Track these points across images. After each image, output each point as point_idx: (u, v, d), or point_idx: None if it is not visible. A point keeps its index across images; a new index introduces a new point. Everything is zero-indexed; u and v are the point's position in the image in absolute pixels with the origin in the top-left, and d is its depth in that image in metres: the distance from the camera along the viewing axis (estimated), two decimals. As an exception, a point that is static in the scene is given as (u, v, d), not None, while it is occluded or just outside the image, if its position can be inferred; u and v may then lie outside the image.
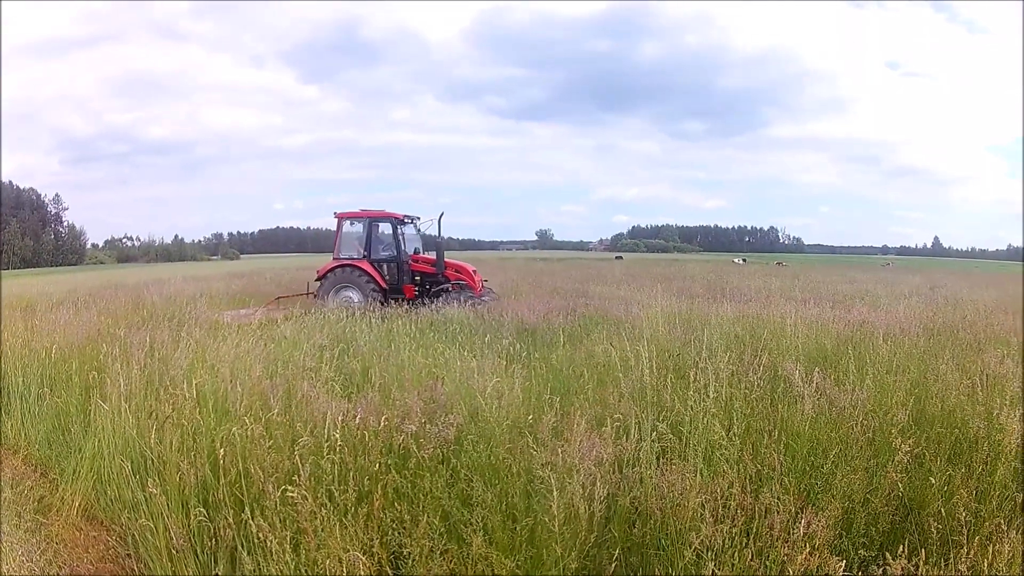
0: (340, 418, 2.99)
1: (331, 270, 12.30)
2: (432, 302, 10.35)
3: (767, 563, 2.75)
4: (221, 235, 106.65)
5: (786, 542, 2.74)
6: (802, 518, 2.77)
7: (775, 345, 4.84)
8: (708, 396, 3.18)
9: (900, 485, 3.15)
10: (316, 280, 12.56)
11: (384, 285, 12.12)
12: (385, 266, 12.40)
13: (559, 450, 2.72)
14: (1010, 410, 3.47)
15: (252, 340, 4.42)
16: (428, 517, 2.81)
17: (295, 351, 4.39)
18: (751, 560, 2.75)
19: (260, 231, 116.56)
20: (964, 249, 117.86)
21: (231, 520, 3.14)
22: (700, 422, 3.12)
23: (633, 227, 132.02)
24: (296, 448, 2.98)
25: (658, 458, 3.04)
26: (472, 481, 2.85)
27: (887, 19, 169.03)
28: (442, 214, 12.60)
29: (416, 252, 12.77)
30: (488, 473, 2.91)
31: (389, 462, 2.95)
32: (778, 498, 2.87)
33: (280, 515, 2.95)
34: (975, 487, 3.37)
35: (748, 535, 2.79)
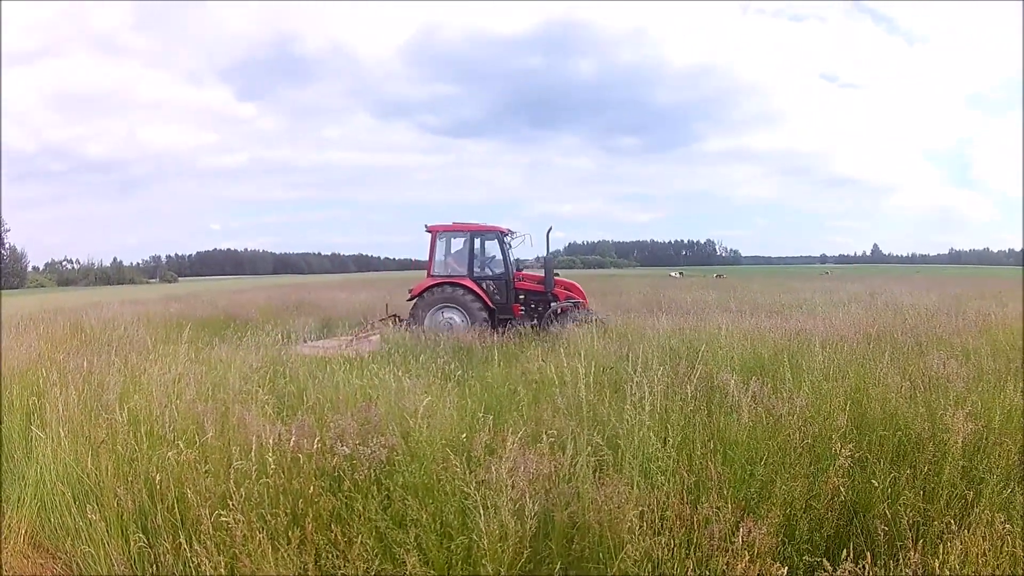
0: (273, 441, 2.94)
1: (428, 288, 11.05)
2: (550, 325, 9.72)
3: (707, 572, 2.74)
4: (159, 257, 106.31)
5: (726, 551, 2.73)
6: (742, 526, 2.75)
7: (711, 356, 4.83)
8: (644, 409, 3.15)
9: (843, 489, 3.15)
10: (409, 299, 11.38)
11: (492, 305, 11.06)
12: (488, 284, 11.25)
13: (491, 468, 2.69)
14: (955, 410, 3.48)
15: (184, 363, 4.35)
16: (363, 538, 2.77)
17: (228, 373, 4.34)
18: (691, 571, 2.73)
19: (198, 253, 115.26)
20: (904, 255, 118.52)
21: (169, 546, 3.10)
22: (635, 435, 3.10)
23: (569, 243, 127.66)
24: (231, 472, 2.93)
25: (594, 472, 3.01)
26: (406, 501, 2.81)
27: (826, 33, 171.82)
28: (550, 229, 11.64)
29: (519, 268, 11.71)
30: (422, 493, 2.88)
31: (323, 485, 2.91)
32: (717, 508, 2.85)
33: (215, 540, 2.91)
34: (921, 488, 3.38)
35: (688, 545, 2.78)
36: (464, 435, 3.15)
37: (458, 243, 11.74)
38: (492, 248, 11.70)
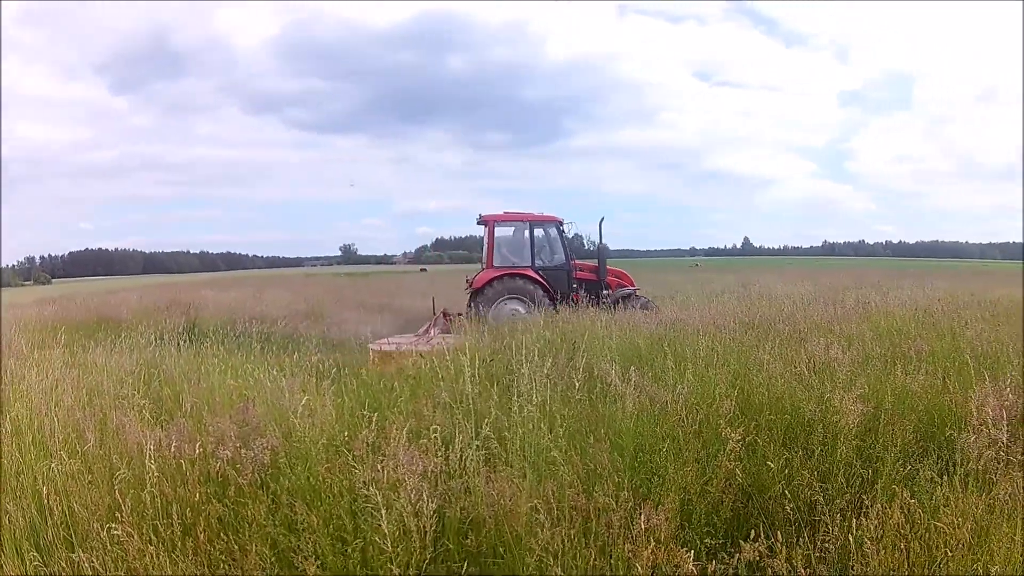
0: (153, 448, 2.86)
1: (491, 280, 11.01)
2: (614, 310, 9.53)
3: (612, 561, 2.78)
4: (33, 258, 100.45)
5: (627, 538, 2.78)
6: (640, 513, 2.81)
7: (588, 348, 4.92)
8: (531, 401, 3.19)
9: (737, 472, 3.26)
10: (467, 291, 11.34)
11: (556, 295, 11.05)
12: (549, 274, 11.34)
13: (379, 466, 2.68)
14: (843, 393, 3.64)
15: (61, 368, 4.23)
16: (257, 547, 2.72)
17: (103, 378, 4.22)
18: (594, 560, 2.77)
19: (70, 253, 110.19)
20: (776, 247, 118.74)
21: (65, 563, 3.00)
22: (521, 427, 3.14)
23: (436, 239, 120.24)
24: (115, 482, 2.85)
25: (483, 466, 3.03)
26: (295, 505, 2.77)
27: (703, 35, 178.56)
28: (603, 219, 11.73)
29: (572, 258, 11.83)
30: (309, 495, 2.84)
31: (209, 491, 2.85)
32: (612, 496, 2.91)
33: (110, 555, 2.83)
34: (816, 468, 3.53)
35: (587, 535, 2.82)
36: (345, 433, 3.14)
37: (507, 232, 11.70)
38: (544, 238, 11.71)
